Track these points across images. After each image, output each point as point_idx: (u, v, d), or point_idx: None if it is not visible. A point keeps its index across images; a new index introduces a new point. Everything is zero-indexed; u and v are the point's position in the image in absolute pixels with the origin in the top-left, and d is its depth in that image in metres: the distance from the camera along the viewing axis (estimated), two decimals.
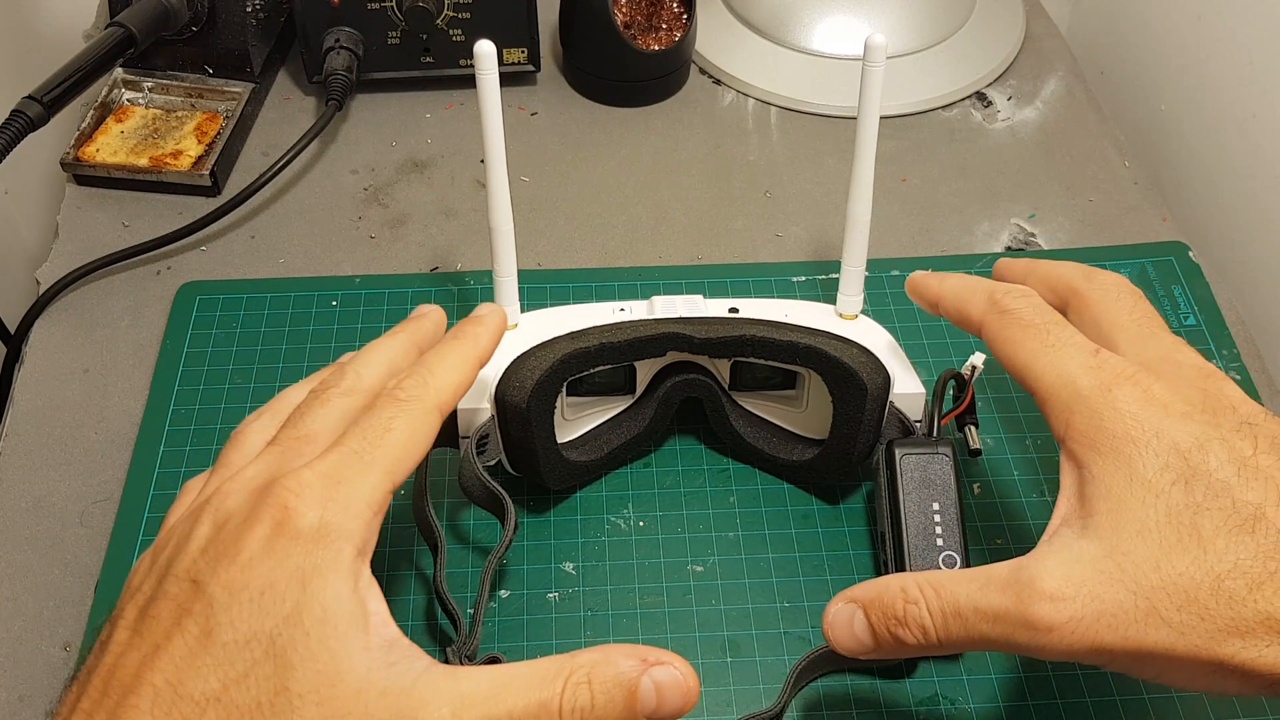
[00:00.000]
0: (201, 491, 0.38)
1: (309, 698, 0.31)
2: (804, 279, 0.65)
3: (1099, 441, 0.38)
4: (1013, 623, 0.36)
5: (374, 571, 0.52)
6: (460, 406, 0.52)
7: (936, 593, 0.38)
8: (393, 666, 0.33)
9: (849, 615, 0.40)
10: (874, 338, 0.55)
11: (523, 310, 0.56)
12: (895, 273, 0.65)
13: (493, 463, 0.52)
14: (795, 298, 0.63)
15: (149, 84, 0.74)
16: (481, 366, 0.43)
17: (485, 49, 0.49)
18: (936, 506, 0.49)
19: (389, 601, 0.51)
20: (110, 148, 0.71)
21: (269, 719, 0.31)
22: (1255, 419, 0.38)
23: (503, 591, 0.52)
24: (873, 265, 0.59)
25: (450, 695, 0.33)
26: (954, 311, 0.47)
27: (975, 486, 0.56)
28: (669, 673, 0.35)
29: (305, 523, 0.34)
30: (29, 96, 0.60)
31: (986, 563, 0.53)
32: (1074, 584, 0.36)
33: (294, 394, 0.43)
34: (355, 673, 0.32)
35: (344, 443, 0.37)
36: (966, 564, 0.48)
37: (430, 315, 0.46)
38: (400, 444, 0.37)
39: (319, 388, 0.41)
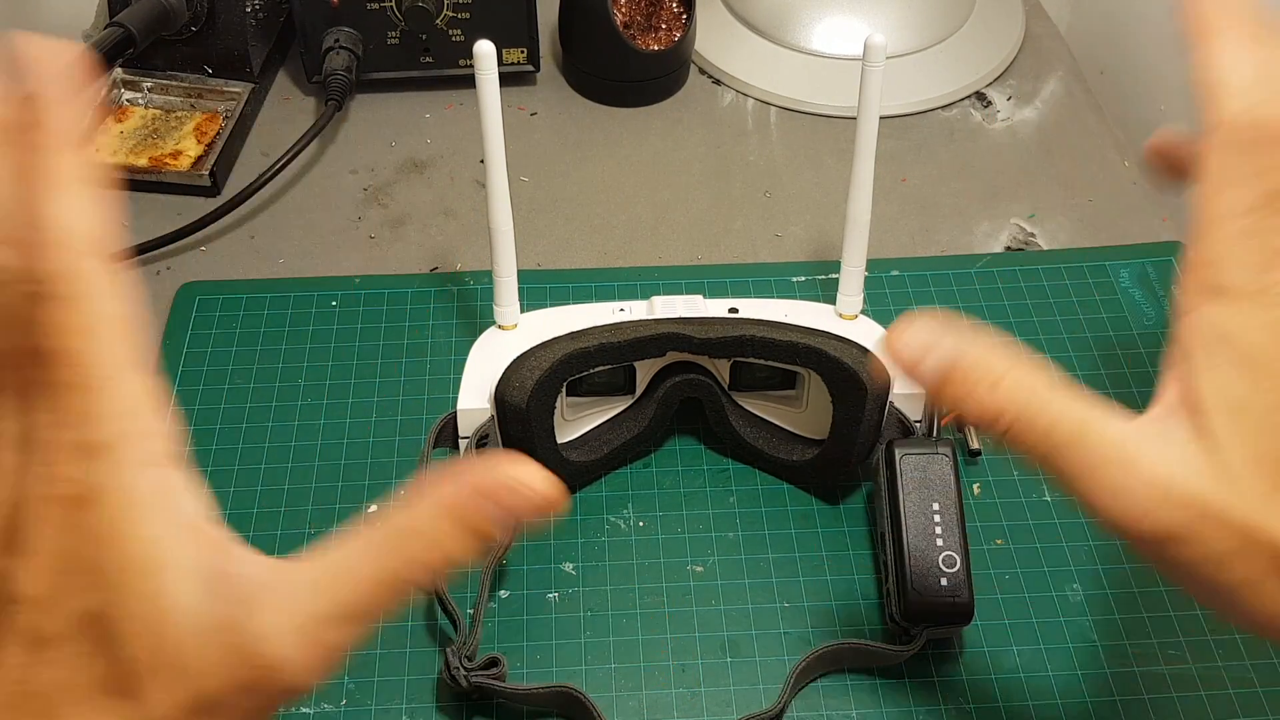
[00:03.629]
0: None
1: (146, 663, 0.29)
2: (804, 279, 0.65)
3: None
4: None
5: None
6: (460, 407, 0.52)
7: (1030, 400, 0.35)
8: (220, 594, 0.29)
9: (926, 347, 0.36)
10: (874, 338, 0.55)
11: (523, 310, 0.56)
12: (895, 273, 0.65)
13: None
14: (795, 298, 0.63)
15: (148, 84, 0.74)
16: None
17: (485, 49, 0.49)
18: (936, 506, 0.49)
19: None
20: (109, 148, 0.71)
21: (121, 695, 0.29)
22: None
23: (503, 592, 0.52)
24: (873, 265, 0.59)
25: (289, 614, 0.29)
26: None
27: (975, 486, 0.56)
28: (510, 496, 0.31)
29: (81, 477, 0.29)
30: None
31: (986, 563, 0.53)
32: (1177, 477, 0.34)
33: None
34: (183, 616, 0.29)
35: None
36: (966, 564, 0.48)
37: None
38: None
39: None
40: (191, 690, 0.29)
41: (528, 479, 0.31)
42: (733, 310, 0.55)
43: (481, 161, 0.55)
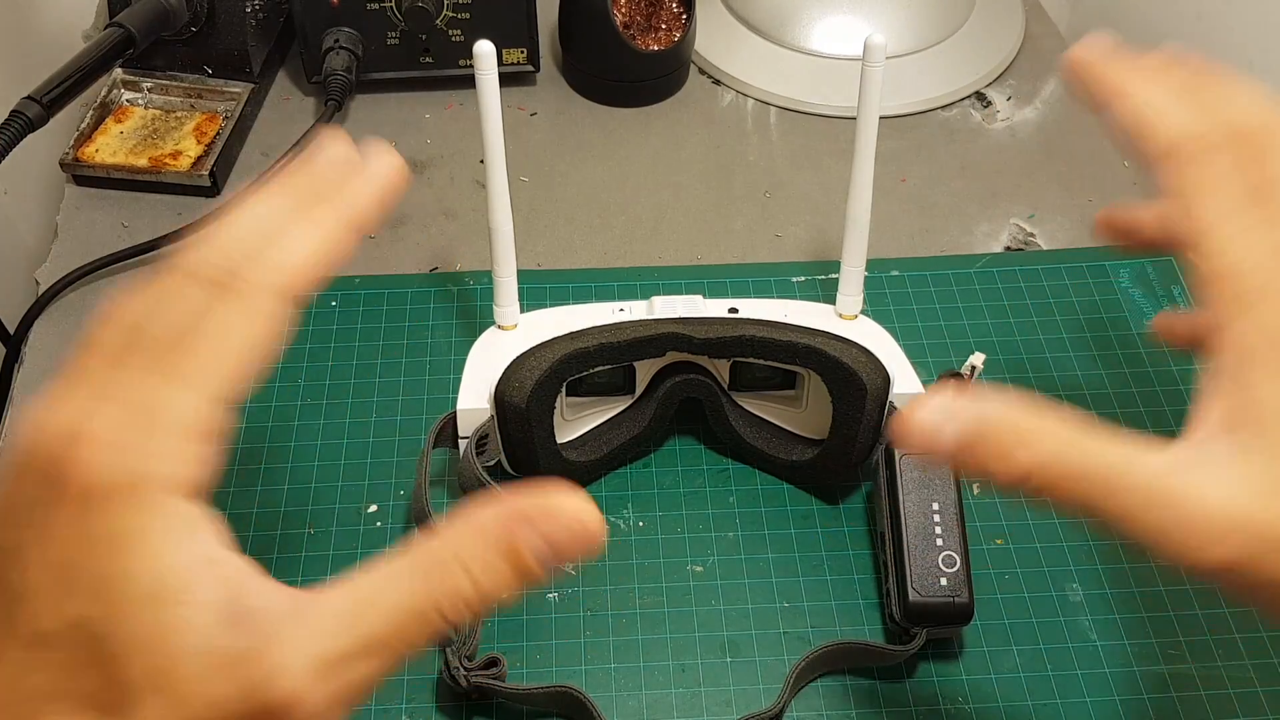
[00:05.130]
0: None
1: (144, 685, 0.27)
2: (804, 279, 0.65)
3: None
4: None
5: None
6: (460, 407, 0.52)
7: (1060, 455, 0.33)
8: (238, 627, 0.27)
9: (945, 417, 0.34)
10: (874, 338, 0.55)
11: (523, 310, 0.56)
12: (895, 273, 0.65)
13: (492, 463, 0.52)
14: (795, 298, 0.63)
15: (148, 84, 0.74)
16: (356, 231, 0.34)
17: (485, 49, 0.49)
18: (936, 506, 0.49)
19: None
20: (109, 148, 0.71)
21: (110, 712, 0.27)
22: None
23: None
24: (873, 265, 0.59)
25: (309, 648, 0.28)
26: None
27: (975, 486, 0.56)
28: (555, 525, 0.29)
29: (106, 477, 0.27)
30: (28, 97, 0.60)
31: (986, 564, 0.53)
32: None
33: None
34: (194, 646, 0.27)
35: (151, 360, 0.30)
36: (966, 564, 0.48)
37: (329, 154, 0.35)
38: (219, 346, 0.30)
39: (155, 279, 0.32)
40: (190, 718, 0.27)
41: (574, 508, 0.29)
42: (733, 310, 0.55)
43: (481, 161, 0.55)
